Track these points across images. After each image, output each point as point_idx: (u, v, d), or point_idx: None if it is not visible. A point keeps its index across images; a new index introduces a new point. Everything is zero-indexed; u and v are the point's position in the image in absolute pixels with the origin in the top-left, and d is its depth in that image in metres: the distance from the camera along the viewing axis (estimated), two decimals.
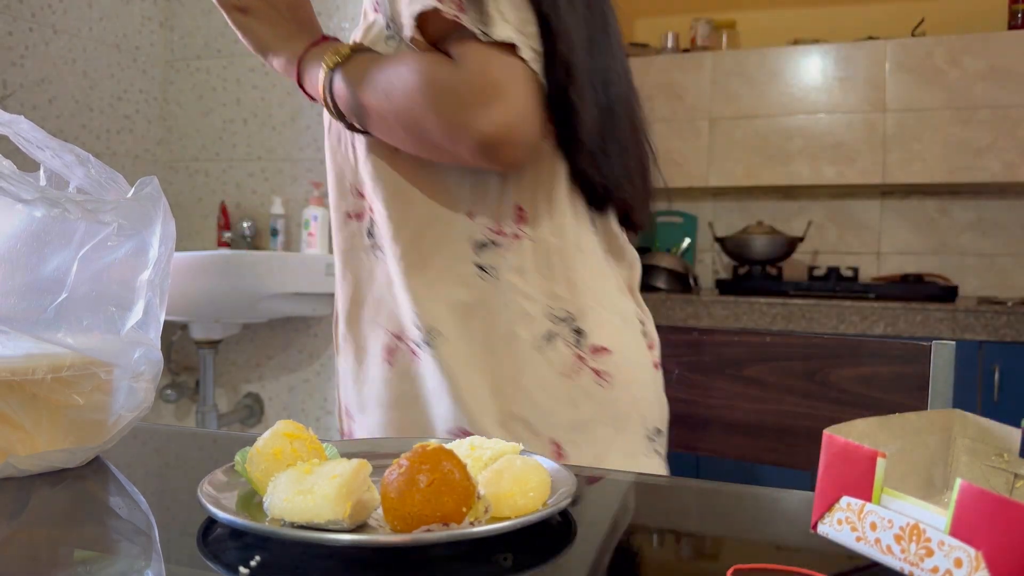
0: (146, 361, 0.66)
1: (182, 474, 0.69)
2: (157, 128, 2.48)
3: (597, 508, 0.58)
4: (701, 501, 0.62)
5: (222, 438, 0.79)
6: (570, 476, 0.54)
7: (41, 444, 0.62)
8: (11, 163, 0.63)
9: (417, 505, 0.46)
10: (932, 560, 0.40)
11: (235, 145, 2.42)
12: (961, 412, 0.55)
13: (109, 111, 2.31)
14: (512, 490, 0.49)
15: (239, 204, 2.42)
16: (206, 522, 0.51)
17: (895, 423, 0.52)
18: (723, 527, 0.58)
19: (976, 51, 2.56)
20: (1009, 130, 2.55)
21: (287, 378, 2.37)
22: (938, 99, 2.61)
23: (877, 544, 0.43)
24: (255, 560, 0.45)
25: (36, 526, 0.54)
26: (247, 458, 0.54)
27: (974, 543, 0.38)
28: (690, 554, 0.52)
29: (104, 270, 0.64)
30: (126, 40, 2.36)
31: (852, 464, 0.44)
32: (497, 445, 0.56)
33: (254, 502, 0.53)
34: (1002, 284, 2.77)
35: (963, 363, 2.23)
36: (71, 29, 2.18)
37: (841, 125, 2.69)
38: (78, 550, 0.51)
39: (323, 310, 2.25)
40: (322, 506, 0.46)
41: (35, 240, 0.62)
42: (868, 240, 2.90)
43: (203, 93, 2.45)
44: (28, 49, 2.07)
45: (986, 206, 2.79)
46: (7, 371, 0.60)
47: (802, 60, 2.72)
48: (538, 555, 0.48)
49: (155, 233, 0.65)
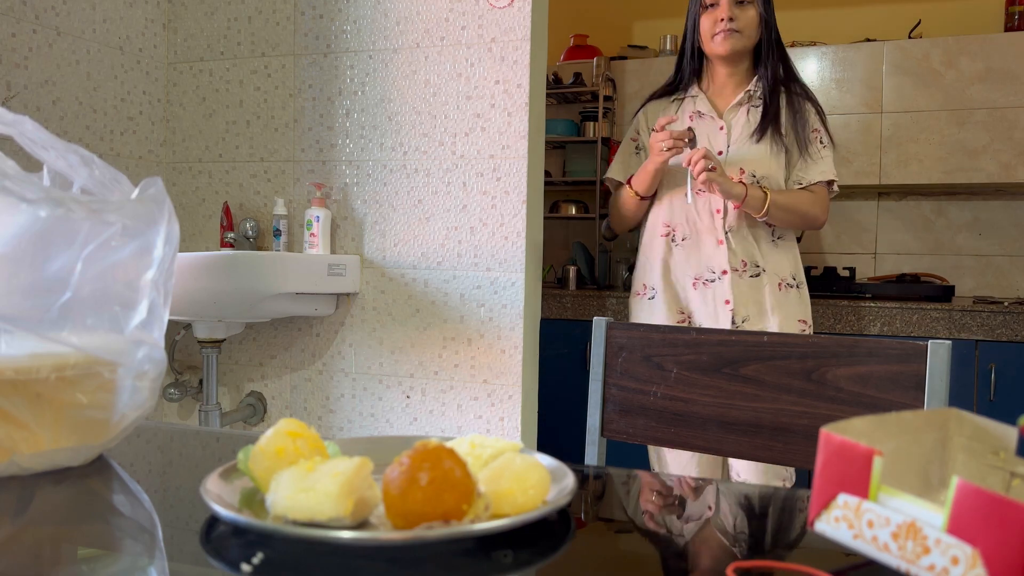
0: (150, 360, 0.66)
1: (185, 472, 0.70)
2: (160, 129, 2.49)
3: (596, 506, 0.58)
4: (700, 499, 0.62)
5: (225, 436, 0.80)
6: (569, 474, 0.54)
7: (45, 443, 0.62)
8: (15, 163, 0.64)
9: (418, 503, 0.46)
10: (929, 558, 0.40)
11: (238, 146, 2.43)
12: (957, 411, 0.55)
13: (113, 113, 2.31)
14: (512, 488, 0.50)
15: (242, 205, 2.42)
16: (209, 519, 0.51)
17: (892, 422, 0.52)
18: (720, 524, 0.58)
19: (973, 53, 2.57)
20: (1005, 131, 2.55)
21: (290, 377, 2.37)
22: (935, 100, 2.61)
23: (874, 542, 0.43)
24: (258, 557, 0.46)
25: (40, 524, 0.54)
26: (250, 456, 0.54)
27: (971, 541, 0.38)
28: (689, 551, 0.53)
29: (108, 270, 0.64)
30: (129, 42, 2.36)
31: (849, 462, 0.44)
32: (497, 443, 0.57)
33: (257, 500, 0.53)
34: (998, 284, 2.78)
35: (959, 362, 2.23)
36: (75, 31, 2.19)
37: (838, 126, 2.69)
38: (82, 548, 0.51)
39: (325, 310, 2.25)
40: (324, 503, 0.47)
41: (39, 240, 0.63)
42: (865, 240, 2.91)
43: (206, 95, 2.46)
44: (32, 51, 2.07)
45: (982, 207, 2.79)
46: (11, 370, 0.61)
47: (799, 62, 2.72)
48: (538, 552, 0.49)
49: (159, 233, 0.66)
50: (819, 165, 1.84)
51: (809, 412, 1.01)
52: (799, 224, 1.86)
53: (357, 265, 2.27)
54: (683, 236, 1.84)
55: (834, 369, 1.01)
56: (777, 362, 1.04)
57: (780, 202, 1.78)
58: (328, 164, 2.32)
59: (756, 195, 1.76)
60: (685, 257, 1.84)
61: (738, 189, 1.73)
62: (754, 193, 1.76)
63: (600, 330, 1.15)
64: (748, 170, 1.81)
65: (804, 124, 1.84)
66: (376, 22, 2.25)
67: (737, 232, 1.82)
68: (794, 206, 1.80)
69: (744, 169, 1.81)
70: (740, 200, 1.74)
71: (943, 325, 2.26)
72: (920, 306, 2.29)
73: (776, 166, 1.82)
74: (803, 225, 1.87)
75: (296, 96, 2.35)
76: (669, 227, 1.86)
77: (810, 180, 1.84)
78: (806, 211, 1.83)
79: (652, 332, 1.13)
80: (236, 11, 2.41)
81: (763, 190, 1.77)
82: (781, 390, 1.03)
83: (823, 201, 1.85)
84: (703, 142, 1.85)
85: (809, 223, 1.86)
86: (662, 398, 1.10)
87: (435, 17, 2.16)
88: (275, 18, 2.37)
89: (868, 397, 0.98)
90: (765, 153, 1.81)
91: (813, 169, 1.84)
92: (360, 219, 2.28)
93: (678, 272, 1.85)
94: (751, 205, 1.76)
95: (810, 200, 1.83)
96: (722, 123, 1.86)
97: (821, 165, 1.84)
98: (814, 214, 1.84)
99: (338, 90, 2.30)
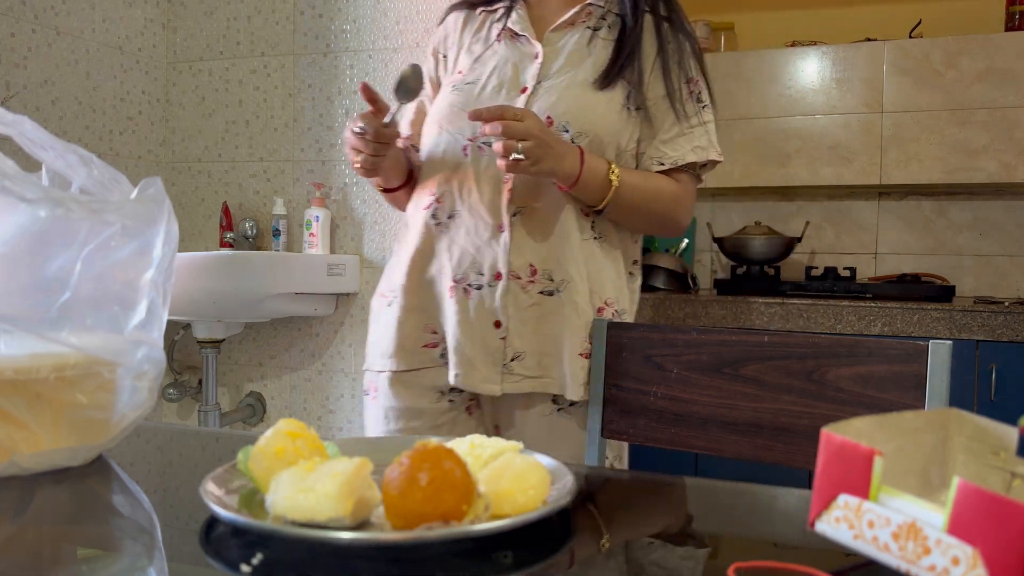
0: (149, 360, 0.66)
1: (185, 472, 0.70)
2: (160, 129, 2.49)
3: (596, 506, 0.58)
4: (700, 499, 0.62)
5: (224, 437, 0.80)
6: (569, 474, 0.54)
7: (45, 443, 0.62)
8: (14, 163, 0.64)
9: (418, 503, 0.46)
10: (929, 558, 0.40)
11: (237, 146, 2.42)
12: (958, 411, 0.55)
13: (112, 112, 2.31)
14: (512, 488, 0.49)
15: (241, 205, 2.42)
16: (209, 520, 0.51)
17: (892, 422, 0.52)
18: (721, 525, 0.58)
19: (973, 52, 2.57)
20: (1006, 131, 2.55)
21: (289, 377, 2.37)
22: (935, 100, 2.61)
23: (875, 542, 0.43)
24: (257, 558, 0.45)
25: (40, 524, 0.54)
26: (249, 456, 0.54)
27: (971, 541, 0.38)
28: (689, 552, 0.52)
29: (108, 270, 0.64)
30: (129, 42, 2.36)
31: (850, 462, 0.44)
32: (497, 444, 0.57)
33: (256, 500, 0.53)
34: (999, 284, 2.78)
35: (960, 362, 2.23)
36: (74, 31, 2.18)
37: (839, 126, 2.69)
38: (81, 548, 0.51)
39: (324, 310, 2.25)
40: (324, 504, 0.47)
41: (38, 240, 0.63)
42: (865, 240, 2.91)
43: (205, 94, 2.46)
44: (31, 51, 2.07)
45: (983, 207, 2.79)
46: (11, 370, 0.61)
47: (800, 62, 2.72)
48: (538, 553, 0.49)
49: (159, 234, 0.66)
50: (693, 137, 1.17)
51: (809, 412, 1.01)
52: (647, 226, 1.24)
53: (356, 265, 2.27)
54: (449, 213, 1.17)
55: (835, 369, 1.01)
56: (777, 362, 1.04)
57: (632, 189, 1.13)
58: (328, 164, 2.32)
59: (597, 172, 1.10)
60: (447, 245, 1.16)
61: (569, 163, 1.08)
62: (595, 168, 1.10)
63: (600, 330, 1.15)
64: (572, 127, 1.13)
65: (681, 70, 1.18)
66: (376, 22, 2.25)
67: (530, 217, 1.13)
68: (652, 198, 1.17)
69: (554, 119, 1.12)
70: (571, 180, 1.09)
71: (944, 325, 2.26)
72: (921, 306, 2.29)
73: (623, 131, 1.16)
74: (653, 228, 1.25)
75: (296, 96, 2.35)
76: (434, 196, 1.18)
77: (677, 160, 1.17)
78: (664, 209, 1.18)
79: (652, 332, 1.13)
80: (235, 10, 2.41)
81: (609, 166, 1.12)
82: (782, 390, 1.03)
83: (690, 195, 1.21)
84: (503, 77, 1.18)
85: (664, 226, 1.22)
86: (662, 398, 1.10)
87: (435, 17, 2.16)
88: (274, 17, 2.37)
89: (869, 397, 0.98)
90: (607, 108, 1.15)
91: (682, 143, 1.17)
92: (359, 219, 2.28)
93: (434, 269, 1.18)
94: (588, 188, 1.11)
95: (673, 194, 1.18)
96: (538, 49, 1.18)
97: (696, 137, 1.18)
98: (674, 215, 1.20)
99: (338, 90, 2.30)
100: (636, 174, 1.16)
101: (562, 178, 1.09)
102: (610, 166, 1.13)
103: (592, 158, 1.11)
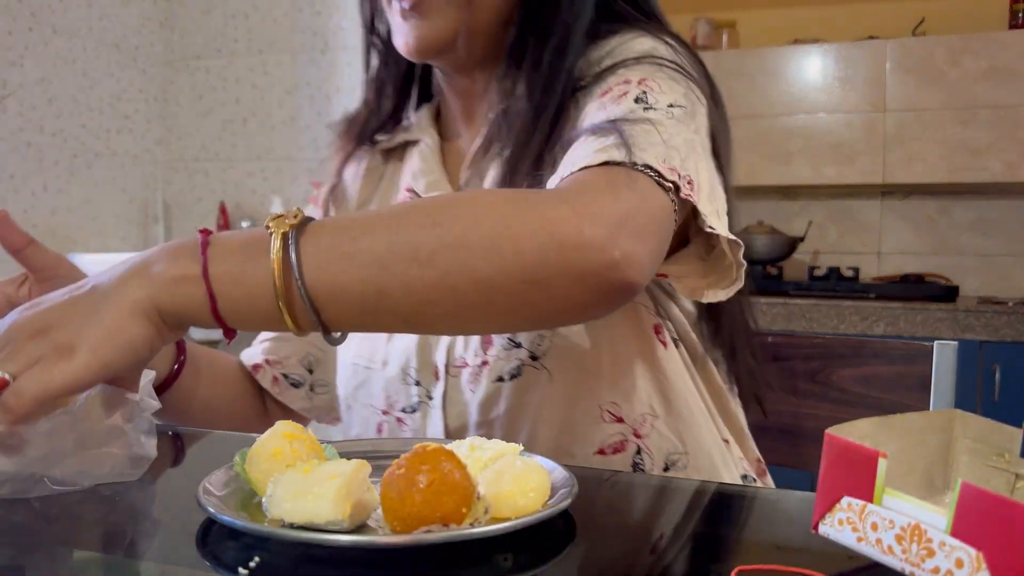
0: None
1: (181, 474, 0.69)
2: (157, 128, 2.48)
3: (597, 508, 0.58)
4: (701, 501, 0.62)
5: (221, 439, 0.79)
6: (570, 476, 0.54)
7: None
8: None
9: (417, 506, 0.45)
10: (933, 560, 0.40)
11: (234, 145, 2.42)
12: (962, 412, 0.55)
13: (109, 111, 2.31)
14: (512, 490, 0.49)
15: (238, 204, 2.42)
16: (205, 522, 0.51)
17: (896, 423, 0.52)
18: (724, 527, 0.58)
19: (977, 51, 2.56)
20: (1010, 130, 2.54)
21: None
22: (938, 99, 2.60)
23: (878, 544, 0.42)
24: (254, 561, 0.45)
25: (33, 525, 0.53)
26: (246, 458, 0.54)
27: (975, 544, 0.38)
28: (691, 555, 0.52)
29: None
30: (126, 40, 2.36)
31: (853, 464, 0.44)
32: (497, 445, 0.56)
33: (253, 503, 0.53)
34: (1002, 284, 2.77)
35: (963, 363, 2.23)
36: (71, 29, 2.18)
37: (841, 125, 2.69)
38: (76, 549, 0.51)
39: None
40: (322, 507, 0.46)
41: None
42: (868, 240, 2.90)
43: (203, 93, 2.45)
44: (28, 49, 2.06)
45: (986, 206, 2.78)
46: None
47: (802, 60, 2.71)
48: (538, 556, 0.48)
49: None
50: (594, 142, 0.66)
51: (813, 413, 1.01)
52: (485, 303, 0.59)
53: None
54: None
55: (839, 370, 1.00)
56: (781, 363, 1.04)
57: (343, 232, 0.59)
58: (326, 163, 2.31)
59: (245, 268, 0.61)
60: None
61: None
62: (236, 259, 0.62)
63: None
64: None
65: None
66: None
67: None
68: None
69: None
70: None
71: (947, 325, 2.25)
72: (924, 306, 2.28)
73: None
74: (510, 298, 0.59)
75: (293, 93, 2.34)
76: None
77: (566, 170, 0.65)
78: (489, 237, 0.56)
79: None
80: (233, 8, 2.41)
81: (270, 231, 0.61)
82: (786, 391, 1.03)
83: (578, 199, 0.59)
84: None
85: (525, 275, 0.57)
86: None
87: None
88: (272, 15, 2.36)
89: (873, 398, 0.98)
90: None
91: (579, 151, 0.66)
92: None
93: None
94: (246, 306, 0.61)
95: (508, 199, 0.60)
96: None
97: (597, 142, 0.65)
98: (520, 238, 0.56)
99: (336, 87, 2.30)
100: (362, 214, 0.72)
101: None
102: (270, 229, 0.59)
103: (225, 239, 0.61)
